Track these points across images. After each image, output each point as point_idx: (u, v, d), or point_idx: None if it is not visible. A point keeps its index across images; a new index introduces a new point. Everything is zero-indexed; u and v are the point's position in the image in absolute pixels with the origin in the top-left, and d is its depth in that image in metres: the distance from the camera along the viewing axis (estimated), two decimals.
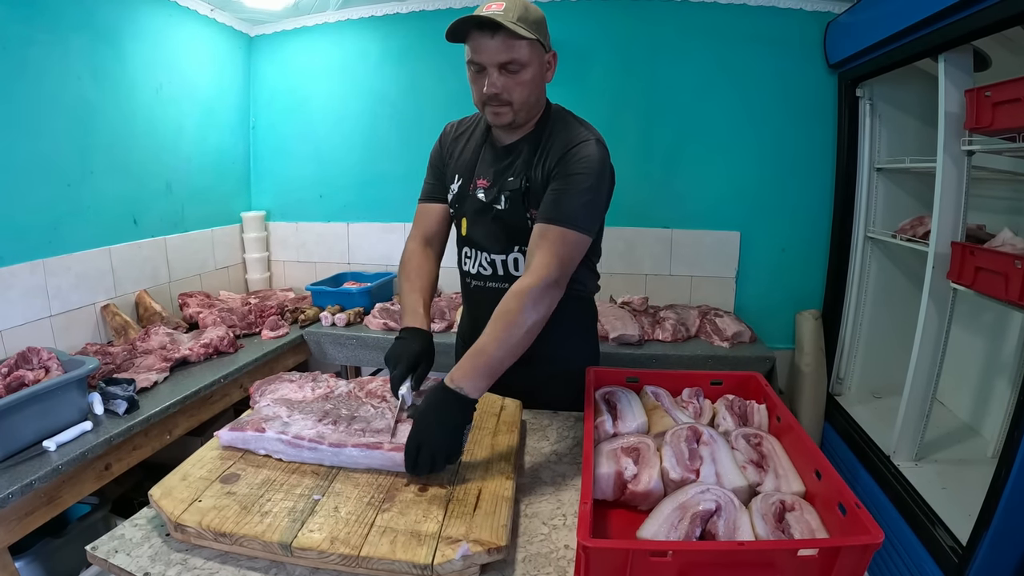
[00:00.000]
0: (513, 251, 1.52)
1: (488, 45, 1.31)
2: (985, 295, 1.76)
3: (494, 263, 1.55)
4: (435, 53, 3.16)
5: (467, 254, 1.61)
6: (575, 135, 1.42)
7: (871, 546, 0.82)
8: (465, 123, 1.64)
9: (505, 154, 1.51)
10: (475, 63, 1.35)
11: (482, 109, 1.43)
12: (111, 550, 1.03)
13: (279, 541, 0.97)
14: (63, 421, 1.77)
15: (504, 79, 1.34)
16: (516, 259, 1.52)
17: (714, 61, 2.92)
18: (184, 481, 1.16)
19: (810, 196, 2.97)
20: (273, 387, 1.46)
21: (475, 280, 1.60)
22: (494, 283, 1.56)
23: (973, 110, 1.79)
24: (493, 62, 1.32)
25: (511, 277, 1.52)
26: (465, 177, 1.55)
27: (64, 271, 2.38)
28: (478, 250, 1.56)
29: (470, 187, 1.54)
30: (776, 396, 1.33)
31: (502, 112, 1.39)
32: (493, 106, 1.38)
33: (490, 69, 1.33)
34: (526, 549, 1.03)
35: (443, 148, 1.64)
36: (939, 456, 2.20)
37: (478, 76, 1.37)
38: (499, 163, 1.51)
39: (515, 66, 1.33)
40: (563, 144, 1.41)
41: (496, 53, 1.31)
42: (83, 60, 2.43)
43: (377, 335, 2.78)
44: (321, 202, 3.49)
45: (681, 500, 1.00)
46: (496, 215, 1.48)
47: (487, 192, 1.50)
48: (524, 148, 1.48)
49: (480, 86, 1.37)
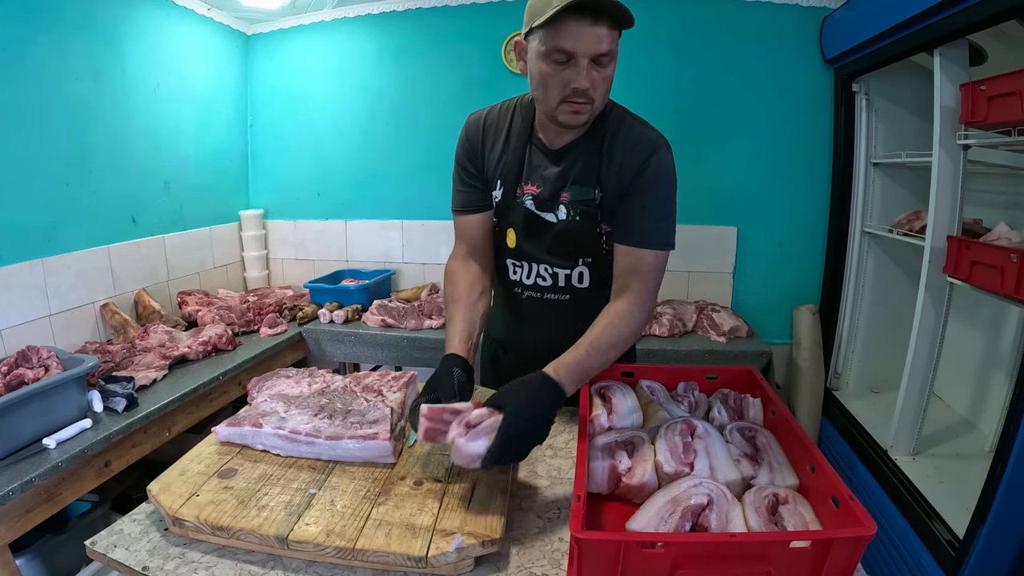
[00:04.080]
0: (579, 264, 1.40)
1: (586, 33, 1.13)
2: (981, 289, 1.77)
3: (556, 276, 1.43)
4: (432, 50, 3.18)
5: (516, 264, 1.46)
6: (646, 140, 1.31)
7: (864, 538, 0.82)
8: (492, 116, 1.43)
9: (557, 157, 1.35)
10: (564, 51, 1.15)
11: (553, 108, 1.23)
12: (110, 545, 1.03)
13: (275, 534, 0.98)
14: (63, 419, 1.78)
15: (592, 73, 1.18)
16: (582, 272, 1.41)
17: (710, 57, 2.92)
18: (182, 476, 1.17)
19: (807, 191, 2.97)
20: (270, 383, 1.47)
21: (529, 291, 1.47)
22: (553, 295, 1.45)
23: (969, 104, 1.79)
24: (589, 52, 1.14)
25: (574, 289, 1.43)
26: (508, 182, 1.38)
27: (63, 270, 2.39)
28: (534, 262, 1.43)
29: (516, 193, 1.38)
30: (771, 390, 1.33)
31: (584, 111, 1.23)
32: (577, 103, 1.21)
33: (581, 60, 1.15)
34: (520, 542, 1.03)
35: (474, 146, 1.43)
36: (936, 450, 2.20)
37: (561, 68, 1.17)
38: (551, 167, 1.36)
39: (606, 59, 1.18)
40: (639, 152, 1.29)
41: (596, 42, 1.14)
42: (81, 60, 2.44)
43: (375, 332, 2.79)
44: (319, 200, 3.50)
45: (673, 494, 1.01)
46: (563, 229, 1.36)
47: (539, 201, 1.37)
48: (581, 151, 1.33)
49: (563, 79, 1.18)
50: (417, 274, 3.47)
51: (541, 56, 1.18)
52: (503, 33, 3.05)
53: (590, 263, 1.41)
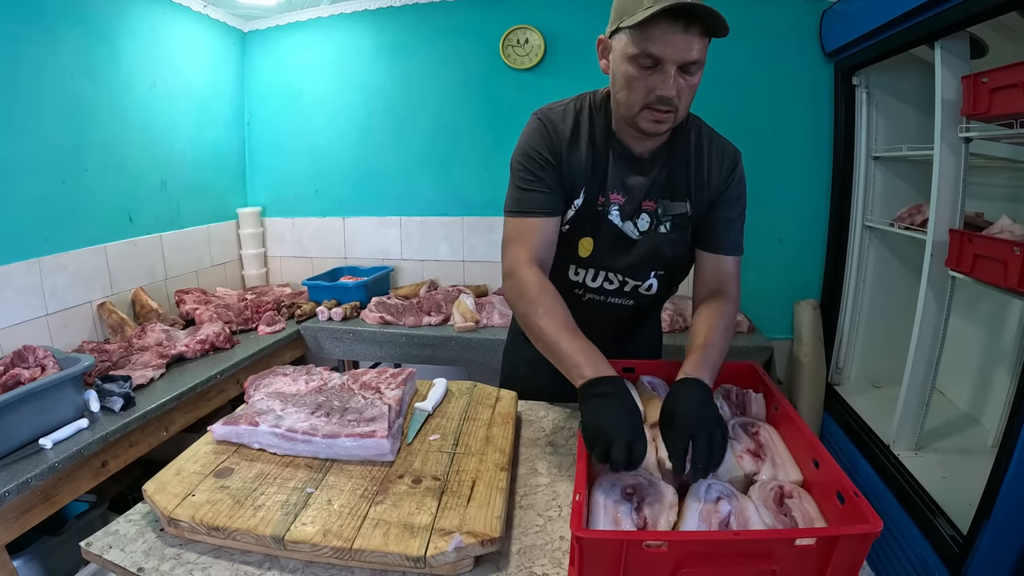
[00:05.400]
0: (650, 277, 1.38)
1: (678, 40, 1.08)
2: (984, 282, 1.75)
3: (626, 282, 1.38)
4: (428, 47, 3.16)
5: (583, 268, 1.39)
6: (728, 150, 1.34)
7: (870, 535, 0.80)
8: (571, 113, 1.32)
9: (641, 166, 1.30)
10: (652, 56, 1.10)
11: (636, 113, 1.18)
12: (105, 546, 1.02)
13: (272, 534, 0.97)
14: (59, 419, 1.77)
15: (679, 81, 1.13)
16: (651, 284, 1.39)
17: (709, 50, 2.88)
18: (178, 476, 1.16)
19: (807, 185, 2.96)
20: (267, 381, 1.45)
21: (592, 294, 1.41)
22: (617, 299, 1.41)
23: (970, 96, 1.77)
24: (679, 60, 1.10)
25: (639, 296, 1.41)
26: (592, 189, 1.30)
27: (60, 269, 2.38)
28: (602, 270, 1.37)
29: (599, 201, 1.31)
30: (774, 385, 1.32)
31: (666, 120, 1.18)
32: (660, 112, 1.16)
33: (669, 67, 1.11)
34: (521, 541, 1.02)
35: (558, 143, 1.29)
36: (939, 445, 2.19)
37: (647, 73, 1.13)
38: (634, 176, 1.30)
39: (695, 67, 1.13)
40: (725, 163, 1.32)
41: (686, 50, 1.10)
42: (77, 58, 2.43)
43: (374, 329, 2.78)
44: (317, 197, 3.49)
45: (697, 507, 0.96)
46: (649, 243, 1.32)
47: (624, 211, 1.31)
48: (667, 161, 1.31)
49: (648, 85, 1.13)
50: (416, 270, 3.45)
51: (628, 59, 1.14)
52: (500, 28, 3.03)
53: (662, 275, 1.39)
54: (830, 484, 0.95)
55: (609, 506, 0.95)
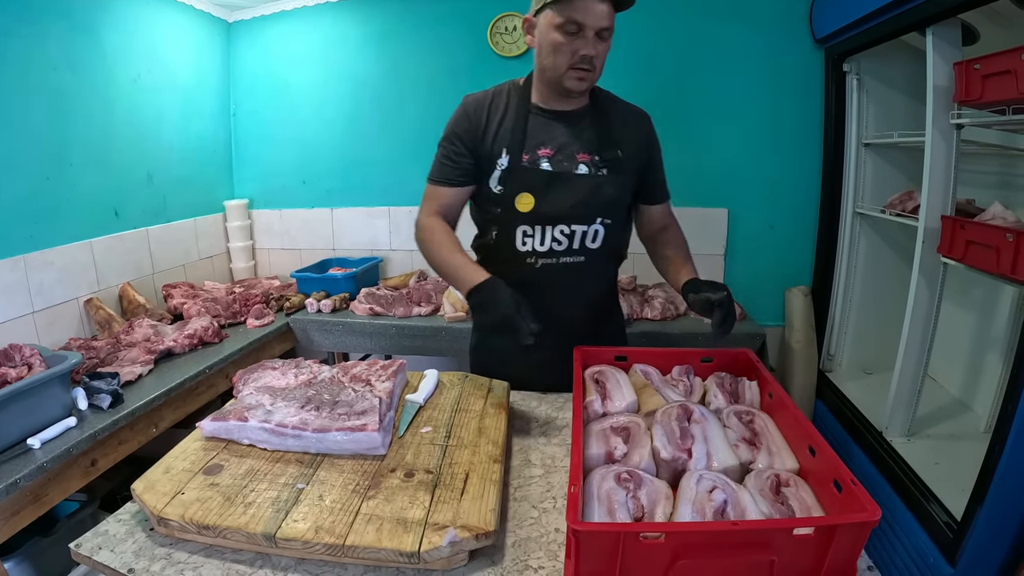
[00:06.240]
0: (595, 222, 1.51)
1: (595, 8, 1.32)
2: (976, 269, 1.75)
3: (572, 235, 1.51)
4: (415, 35, 3.13)
5: (527, 232, 1.51)
6: (637, 109, 1.61)
7: (868, 523, 0.80)
8: (490, 96, 1.54)
9: (566, 123, 1.51)
10: (576, 23, 1.33)
11: (562, 73, 1.40)
12: (95, 547, 1.01)
13: (263, 532, 0.95)
14: (47, 418, 1.74)
15: (597, 44, 1.37)
16: (597, 231, 1.52)
17: (698, 37, 2.89)
18: (167, 474, 1.14)
19: (798, 172, 2.95)
20: (256, 375, 1.43)
21: (543, 258, 1.53)
22: (568, 257, 1.53)
23: (962, 83, 1.77)
24: (596, 25, 1.34)
25: (587, 250, 1.53)
26: (514, 150, 1.48)
27: (46, 266, 2.34)
28: (548, 224, 1.50)
29: (523, 158, 1.48)
30: (767, 372, 1.32)
31: (587, 78, 1.41)
32: (582, 70, 1.39)
33: (588, 32, 1.34)
34: (516, 533, 1.01)
35: (475, 124, 1.51)
36: (931, 431, 2.20)
37: (571, 38, 1.35)
38: (561, 129, 1.50)
39: (607, 33, 1.37)
40: (640, 117, 1.59)
41: (602, 17, 1.33)
42: (60, 51, 2.38)
43: (363, 320, 2.76)
44: (304, 188, 3.45)
45: (690, 497, 0.95)
46: (590, 183, 1.48)
47: (555, 161, 1.48)
48: (590, 117, 1.52)
49: (572, 48, 1.36)
50: (405, 261, 3.43)
51: (555, 27, 1.36)
52: (487, 17, 3.00)
53: (608, 224, 1.52)
54: (827, 472, 0.94)
55: (603, 495, 0.95)
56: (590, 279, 1.59)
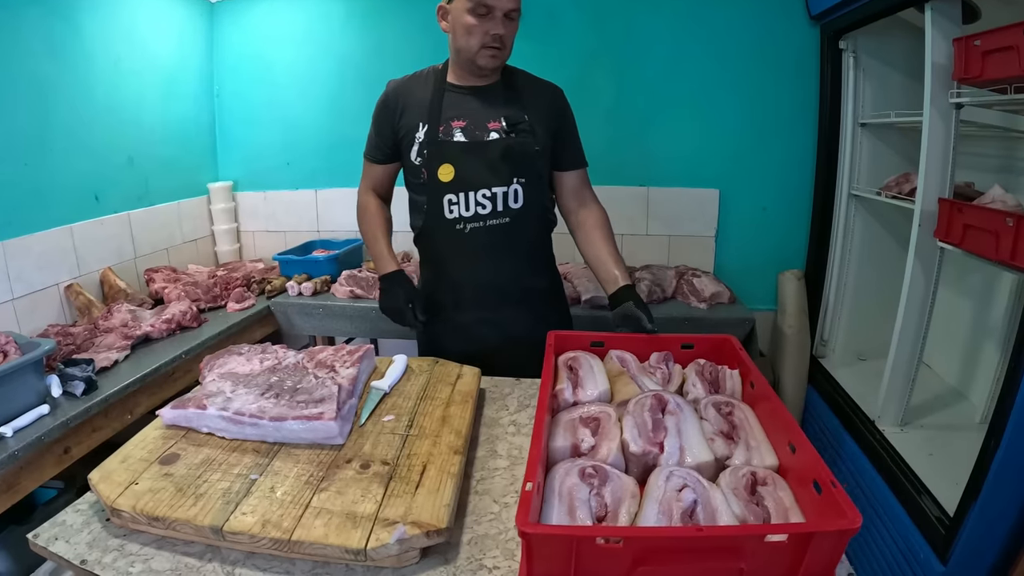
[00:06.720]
0: (513, 183, 1.63)
1: None
2: (974, 254, 1.69)
3: (494, 197, 1.63)
4: (399, 14, 3.05)
5: (452, 200, 1.63)
6: (547, 82, 1.74)
7: (848, 531, 0.74)
8: (407, 81, 1.72)
9: (478, 96, 1.64)
10: (486, 5, 1.47)
11: (475, 52, 1.54)
12: (51, 537, 0.99)
13: (210, 525, 0.92)
14: (20, 406, 1.70)
15: (506, 24, 1.52)
16: (516, 191, 1.64)
17: (690, 13, 2.81)
18: (124, 463, 1.11)
19: (792, 153, 2.89)
20: (222, 361, 1.39)
21: (471, 222, 1.65)
22: (495, 220, 1.65)
23: (962, 60, 1.69)
24: (505, 8, 1.49)
25: (511, 211, 1.65)
26: (432, 123, 1.62)
27: (25, 252, 2.29)
28: (470, 190, 1.62)
29: (440, 130, 1.62)
30: (751, 361, 1.26)
31: (499, 56, 1.56)
32: (494, 49, 1.53)
33: (498, 13, 1.49)
34: (473, 530, 0.96)
35: (391, 104, 1.69)
36: (925, 421, 2.15)
37: (483, 20, 1.49)
38: (473, 102, 1.64)
39: (515, 14, 1.53)
40: (549, 88, 1.73)
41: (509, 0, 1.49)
42: (37, 35, 2.32)
43: (344, 303, 2.71)
44: (289, 170, 3.39)
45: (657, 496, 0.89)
46: (502, 145, 1.61)
47: (468, 131, 1.62)
48: (500, 90, 1.66)
49: (484, 29, 1.50)
50: None
51: (467, 11, 1.50)
52: None
53: (524, 183, 1.64)
54: (807, 470, 0.89)
55: (565, 492, 0.89)
56: (517, 239, 1.69)
